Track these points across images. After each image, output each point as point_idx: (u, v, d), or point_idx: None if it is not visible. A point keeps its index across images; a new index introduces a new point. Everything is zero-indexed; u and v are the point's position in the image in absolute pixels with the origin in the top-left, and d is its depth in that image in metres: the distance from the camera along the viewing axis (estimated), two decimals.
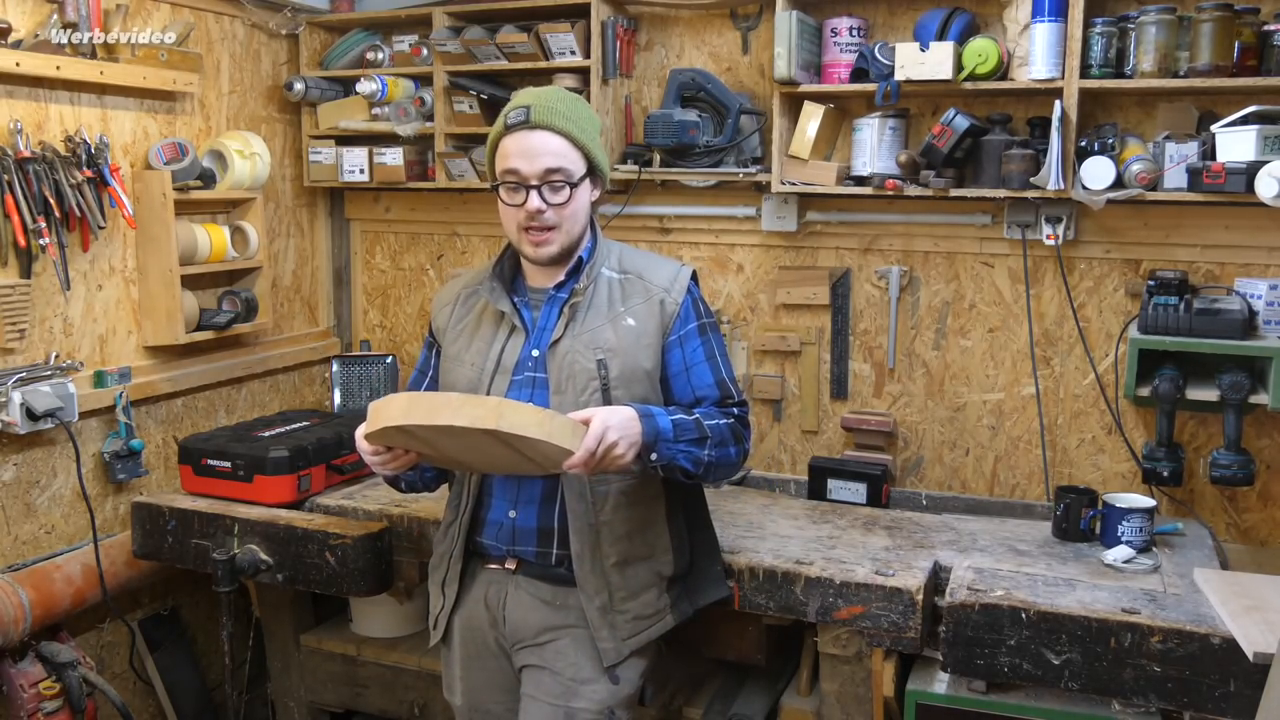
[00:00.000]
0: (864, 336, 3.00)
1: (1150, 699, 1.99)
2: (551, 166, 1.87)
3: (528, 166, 1.87)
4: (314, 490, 2.77)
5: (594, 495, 1.92)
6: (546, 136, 1.88)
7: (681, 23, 3.07)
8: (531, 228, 1.90)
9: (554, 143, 1.88)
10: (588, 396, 1.90)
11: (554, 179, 1.88)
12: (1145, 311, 2.51)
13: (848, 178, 2.82)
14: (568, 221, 1.91)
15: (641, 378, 1.94)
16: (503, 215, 1.94)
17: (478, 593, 2.03)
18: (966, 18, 2.67)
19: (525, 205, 1.88)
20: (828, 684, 2.37)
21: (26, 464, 2.63)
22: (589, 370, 1.91)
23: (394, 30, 3.31)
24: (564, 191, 1.89)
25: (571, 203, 1.90)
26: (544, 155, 1.87)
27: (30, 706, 2.50)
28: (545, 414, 1.72)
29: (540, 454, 1.75)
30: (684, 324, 1.98)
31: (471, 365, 1.98)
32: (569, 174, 1.89)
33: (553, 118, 1.88)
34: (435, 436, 1.75)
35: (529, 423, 1.70)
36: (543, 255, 1.93)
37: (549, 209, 1.88)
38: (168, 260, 2.84)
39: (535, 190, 1.87)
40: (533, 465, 1.82)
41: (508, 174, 1.89)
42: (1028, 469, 2.87)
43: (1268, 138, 2.35)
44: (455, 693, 2.11)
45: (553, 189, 1.88)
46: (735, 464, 1.97)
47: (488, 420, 1.69)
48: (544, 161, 1.87)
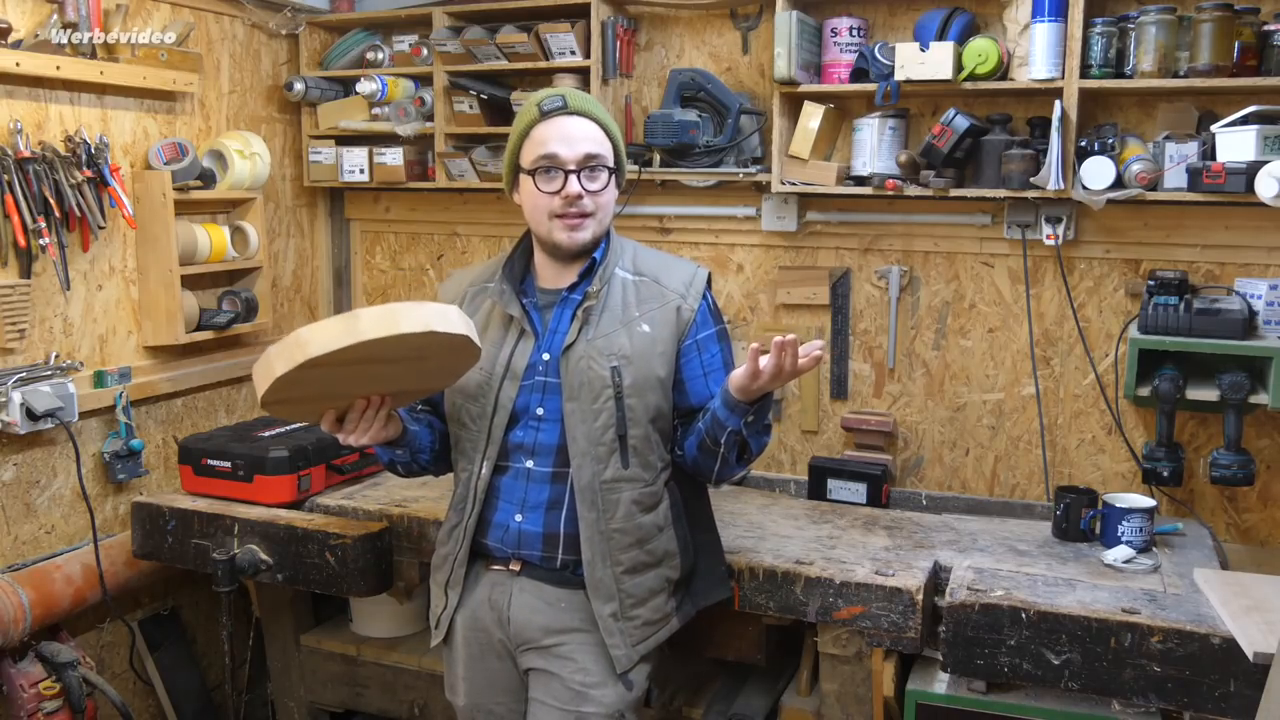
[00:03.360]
0: (864, 336, 3.00)
1: (1150, 699, 1.99)
2: (592, 152, 1.88)
3: (568, 151, 1.86)
4: (314, 490, 2.77)
5: (604, 503, 1.92)
6: (586, 123, 1.89)
7: (681, 23, 3.07)
8: (568, 214, 1.88)
9: (593, 130, 1.90)
10: (601, 404, 1.90)
11: (593, 164, 1.88)
12: (1145, 311, 2.51)
13: (848, 178, 2.82)
14: (601, 210, 1.91)
15: (655, 385, 1.93)
16: (530, 205, 1.92)
17: (482, 593, 2.03)
18: (966, 18, 2.67)
19: (564, 190, 1.86)
20: (828, 684, 2.37)
21: (26, 464, 2.63)
22: (603, 378, 1.90)
23: (394, 30, 3.31)
24: (602, 177, 1.90)
25: (607, 191, 1.91)
26: (584, 140, 1.88)
27: (30, 706, 2.50)
28: (385, 309, 1.63)
29: (433, 354, 1.69)
30: (700, 329, 1.97)
31: (480, 368, 1.96)
32: (606, 160, 1.90)
33: (590, 106, 1.91)
34: (314, 380, 1.68)
35: (382, 320, 1.60)
36: (577, 241, 1.90)
37: (587, 195, 1.88)
38: (168, 260, 2.84)
39: (575, 175, 1.87)
40: (444, 372, 1.76)
41: (543, 159, 1.88)
42: (1028, 469, 2.87)
43: (1268, 138, 2.35)
44: (458, 693, 2.10)
45: (591, 175, 1.88)
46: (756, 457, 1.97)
47: (341, 338, 1.60)
48: (584, 146, 1.87)
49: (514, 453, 1.96)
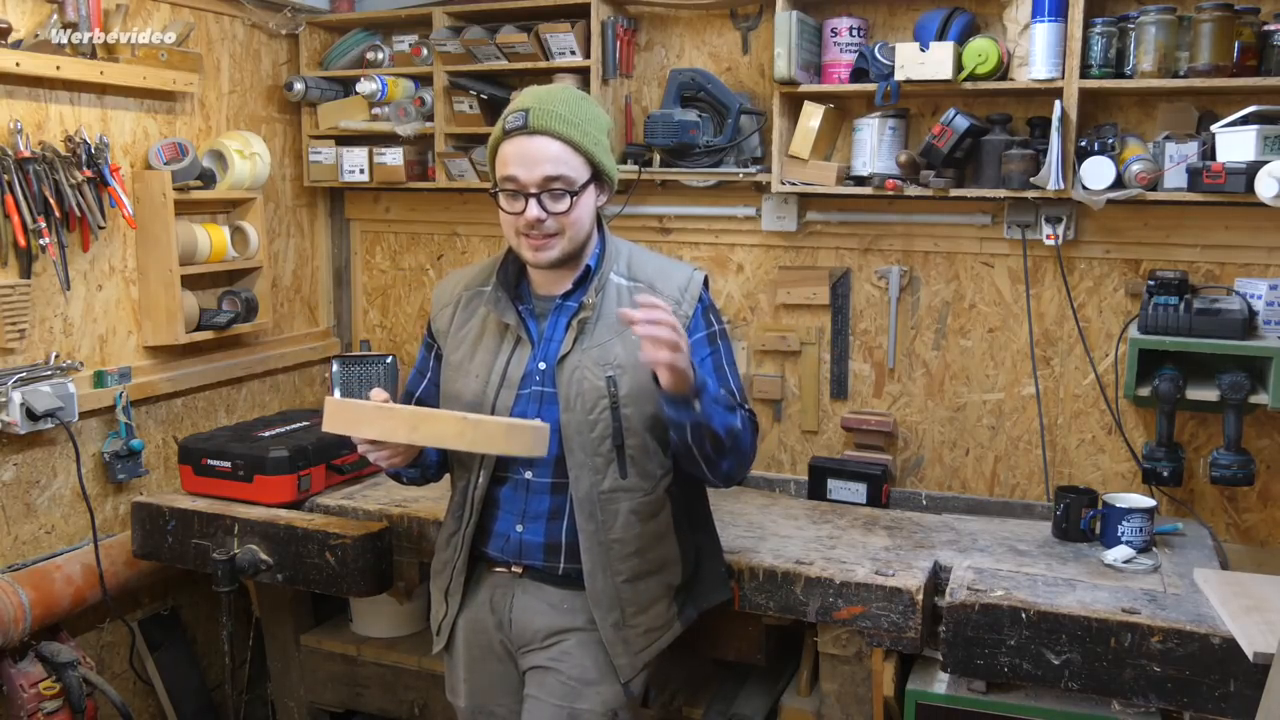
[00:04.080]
0: (864, 336, 3.00)
1: (1150, 699, 1.99)
2: (551, 174, 1.80)
3: (526, 174, 1.80)
4: (314, 490, 2.77)
5: (604, 513, 1.91)
6: (545, 142, 1.80)
7: (681, 23, 3.07)
8: (531, 234, 1.84)
9: (553, 149, 1.81)
10: (597, 414, 1.88)
11: (554, 187, 1.81)
12: (1145, 311, 2.51)
13: (848, 178, 2.82)
14: (571, 229, 1.85)
15: (651, 394, 1.88)
16: (502, 220, 1.89)
17: (483, 596, 2.02)
18: (966, 18, 2.67)
19: (524, 214, 1.82)
20: (828, 684, 2.37)
21: (26, 464, 2.63)
22: (598, 388, 1.88)
23: (394, 30, 3.31)
24: (564, 200, 1.82)
25: (574, 210, 1.84)
26: (543, 163, 1.80)
27: (30, 706, 2.50)
28: (467, 423, 1.66)
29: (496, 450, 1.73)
30: (693, 334, 1.94)
31: (476, 377, 1.95)
32: (570, 181, 1.82)
33: (552, 122, 1.80)
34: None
35: (447, 433, 1.66)
36: (542, 260, 1.87)
37: (549, 217, 1.83)
38: (168, 260, 2.84)
39: (534, 199, 1.81)
40: None
41: (506, 180, 1.84)
42: (1028, 469, 2.87)
43: (1268, 138, 2.35)
44: (459, 695, 2.10)
45: (553, 197, 1.82)
46: (748, 456, 1.95)
47: (398, 433, 1.67)
48: (543, 169, 1.80)
49: (512, 463, 1.94)
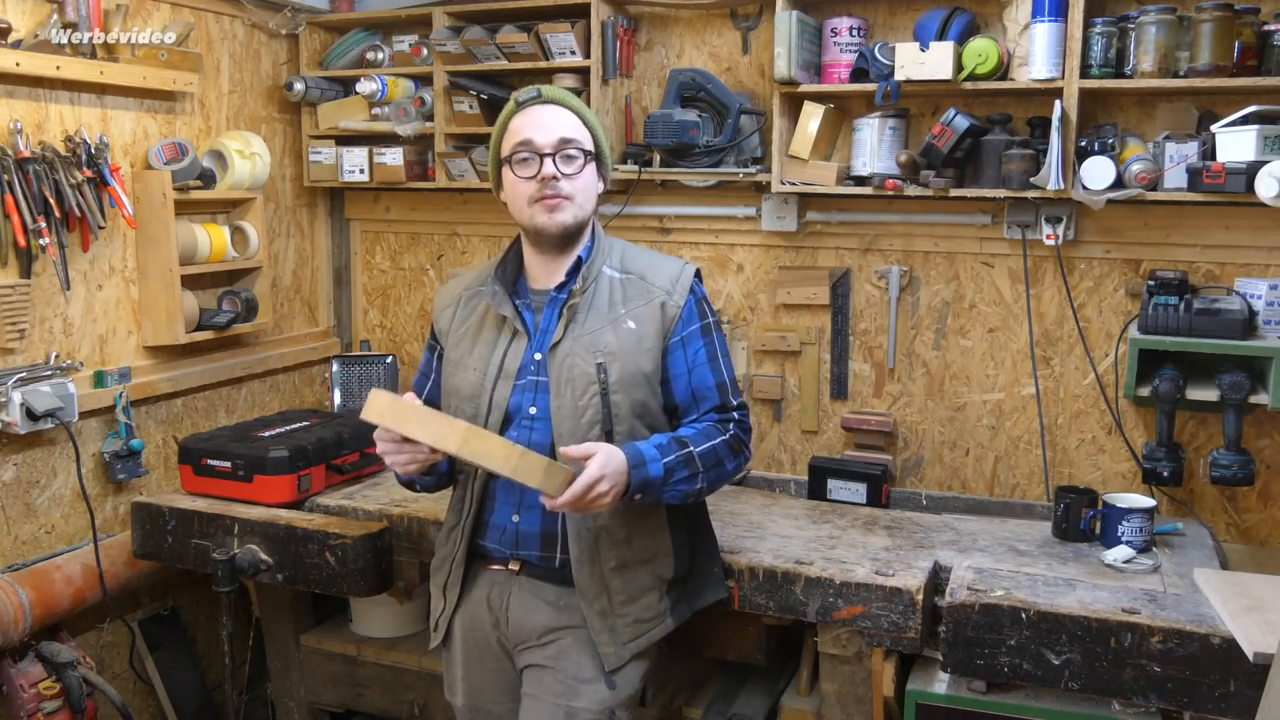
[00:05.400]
0: (864, 336, 3.00)
1: (1150, 699, 1.99)
2: (566, 136, 1.91)
3: (543, 136, 1.90)
4: (314, 490, 2.77)
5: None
6: (560, 111, 1.94)
7: (681, 23, 3.07)
8: (545, 196, 1.90)
9: (567, 118, 1.93)
10: (586, 400, 1.90)
11: (568, 149, 1.91)
12: (1145, 311, 2.51)
13: (848, 178, 2.82)
14: (580, 194, 1.93)
15: (641, 381, 1.93)
16: (512, 195, 1.95)
17: (480, 593, 2.03)
18: (966, 18, 2.67)
19: (539, 173, 1.89)
20: (828, 684, 2.36)
21: (26, 464, 2.63)
22: (588, 374, 1.90)
23: (394, 30, 3.31)
24: (578, 160, 1.92)
25: (584, 175, 1.93)
26: (558, 126, 1.91)
27: (30, 706, 2.50)
28: (515, 450, 1.69)
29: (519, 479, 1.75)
30: (686, 325, 1.97)
31: (475, 370, 1.98)
32: (581, 144, 1.93)
33: (565, 97, 1.96)
34: None
35: (495, 455, 1.68)
36: (557, 222, 1.91)
37: (563, 178, 1.90)
38: (168, 260, 2.84)
39: (550, 158, 1.89)
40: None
41: (520, 146, 1.91)
42: (1028, 469, 2.87)
43: (1268, 138, 2.35)
44: (457, 693, 2.10)
45: (566, 159, 1.91)
46: (732, 475, 1.98)
47: (448, 442, 1.68)
48: (558, 131, 1.91)
49: None
